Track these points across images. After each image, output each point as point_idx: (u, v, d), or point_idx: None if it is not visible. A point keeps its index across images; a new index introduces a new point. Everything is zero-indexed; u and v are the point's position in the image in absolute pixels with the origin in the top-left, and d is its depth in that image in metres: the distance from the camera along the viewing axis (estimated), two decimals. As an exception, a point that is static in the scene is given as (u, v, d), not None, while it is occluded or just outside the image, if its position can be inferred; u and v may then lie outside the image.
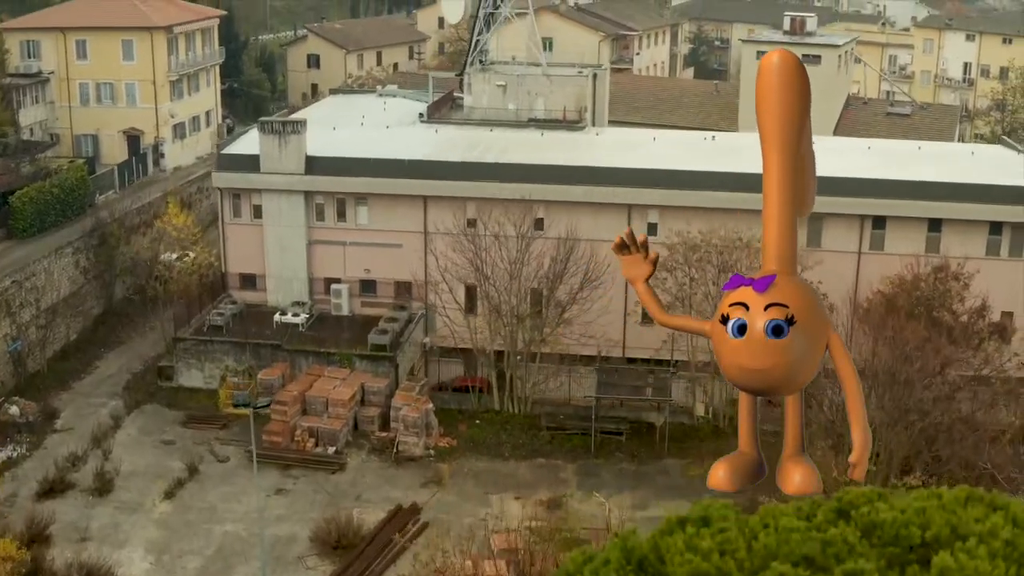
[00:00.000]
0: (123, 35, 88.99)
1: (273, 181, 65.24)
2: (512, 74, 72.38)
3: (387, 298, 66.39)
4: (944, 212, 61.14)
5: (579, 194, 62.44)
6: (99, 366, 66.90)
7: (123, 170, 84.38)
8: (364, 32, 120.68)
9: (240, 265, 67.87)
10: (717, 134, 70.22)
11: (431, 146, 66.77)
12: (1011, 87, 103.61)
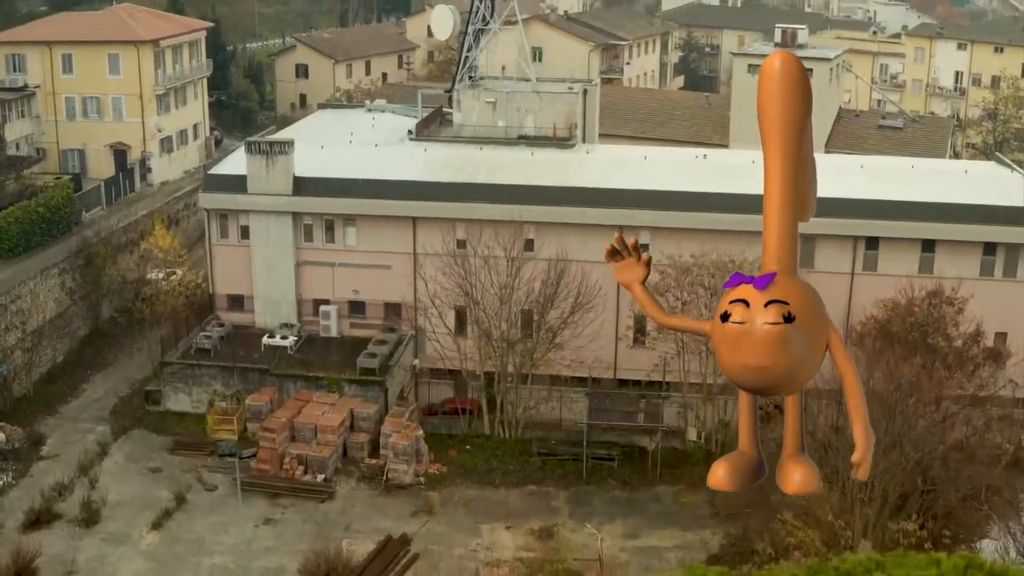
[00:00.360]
0: (109, 49, 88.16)
1: (260, 202, 64.65)
2: (502, 91, 71.75)
3: (376, 319, 65.86)
4: (938, 233, 60.76)
5: (569, 215, 61.92)
6: (86, 389, 66.22)
7: (110, 186, 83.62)
8: (353, 41, 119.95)
9: (228, 286, 67.24)
10: (709, 152, 69.61)
11: (420, 166, 66.18)
12: (1003, 97, 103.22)
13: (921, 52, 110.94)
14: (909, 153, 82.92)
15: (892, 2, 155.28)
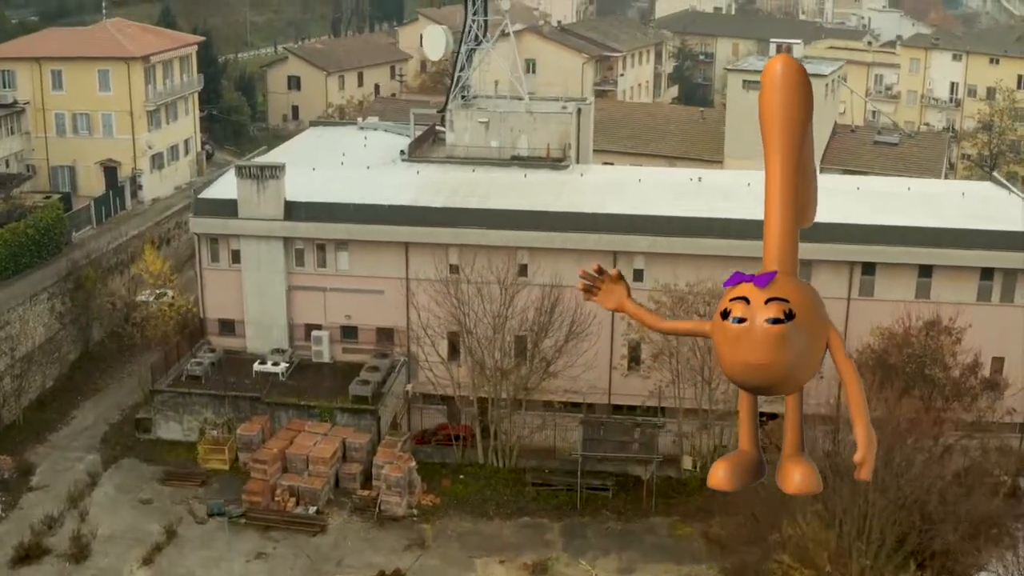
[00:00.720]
0: (99, 65, 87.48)
1: (251, 227, 64.04)
2: (495, 110, 71.11)
3: (368, 344, 65.29)
4: (935, 259, 60.28)
5: (563, 241, 61.36)
6: (76, 416, 65.58)
7: (100, 205, 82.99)
8: (345, 52, 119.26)
9: (218, 311, 66.65)
10: (703, 173, 68.95)
11: (413, 189, 65.56)
12: (998, 109, 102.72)
13: (916, 63, 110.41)
14: (905, 169, 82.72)
15: (886, 9, 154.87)
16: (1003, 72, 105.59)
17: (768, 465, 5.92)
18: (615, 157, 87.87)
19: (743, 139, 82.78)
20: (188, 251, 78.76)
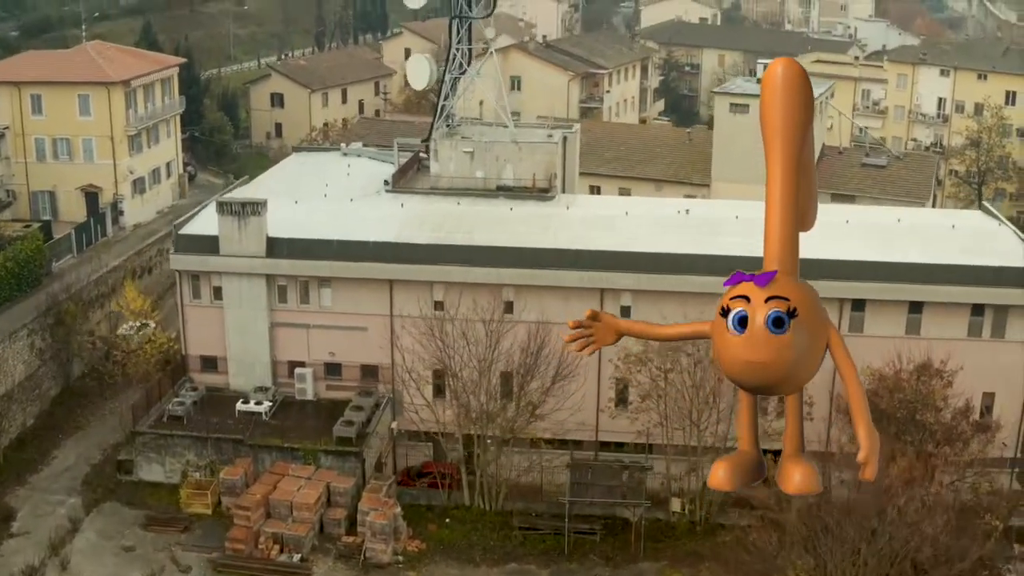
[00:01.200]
0: (79, 90, 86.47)
1: (233, 264, 63.17)
2: (480, 140, 70.25)
3: (353, 381, 64.51)
4: (925, 295, 59.77)
5: (549, 278, 60.72)
6: (57, 456, 64.57)
7: (80, 232, 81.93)
8: (328, 68, 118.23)
9: (200, 347, 65.77)
10: (691, 205, 68.16)
11: (397, 223, 64.62)
12: (986, 127, 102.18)
13: (903, 78, 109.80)
14: (893, 192, 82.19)
15: (872, 19, 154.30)
16: (991, 88, 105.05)
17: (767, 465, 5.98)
18: (602, 180, 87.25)
19: (731, 162, 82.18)
20: (170, 280, 77.58)
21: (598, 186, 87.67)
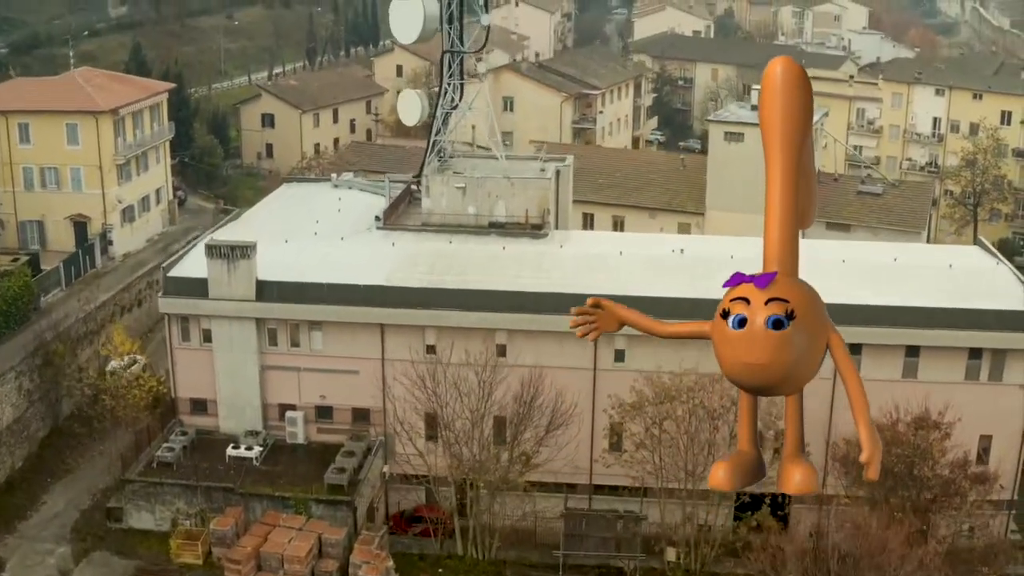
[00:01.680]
0: (67, 119, 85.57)
1: (222, 308, 62.44)
2: (472, 176, 69.48)
3: (344, 424, 63.86)
4: (923, 340, 59.21)
5: (543, 323, 59.92)
6: (46, 501, 63.86)
7: (69, 265, 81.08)
8: (319, 88, 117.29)
9: (190, 390, 65.07)
10: (686, 243, 67.30)
11: (388, 264, 63.87)
12: (982, 148, 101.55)
13: (899, 97, 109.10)
14: (889, 222, 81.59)
15: (866, 31, 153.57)
16: (986, 107, 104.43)
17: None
18: (595, 208, 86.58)
19: (725, 191, 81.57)
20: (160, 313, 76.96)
21: (591, 214, 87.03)
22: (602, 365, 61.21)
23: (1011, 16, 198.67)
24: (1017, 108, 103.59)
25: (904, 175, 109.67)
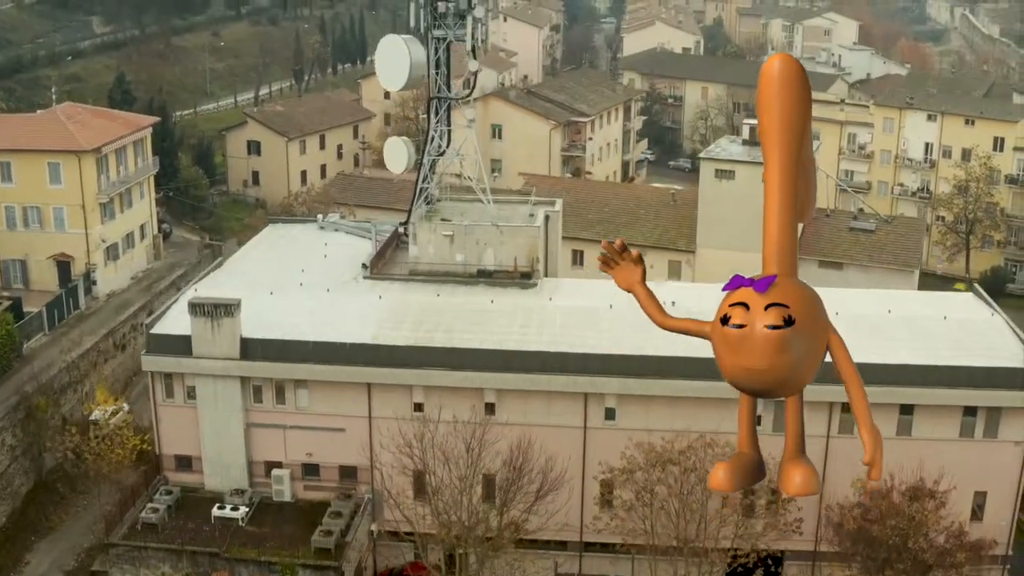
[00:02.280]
0: (49, 158, 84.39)
1: (206, 366, 61.46)
2: (460, 224, 68.49)
3: (331, 482, 63.00)
4: (917, 398, 58.44)
5: (532, 383, 59.34)
6: (30, 562, 62.92)
7: (52, 308, 80.00)
8: (306, 115, 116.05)
9: (174, 447, 64.15)
10: (677, 293, 65.85)
11: (375, 320, 62.88)
12: (975, 177, 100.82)
13: (890, 122, 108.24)
14: (882, 260, 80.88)
15: (856, 46, 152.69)
16: (979, 133, 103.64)
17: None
18: (585, 245, 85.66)
19: (716, 229, 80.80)
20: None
21: (581, 251, 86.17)
22: (592, 424, 60.40)
23: (1001, 24, 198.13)
24: (1010, 134, 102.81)
25: (895, 201, 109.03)
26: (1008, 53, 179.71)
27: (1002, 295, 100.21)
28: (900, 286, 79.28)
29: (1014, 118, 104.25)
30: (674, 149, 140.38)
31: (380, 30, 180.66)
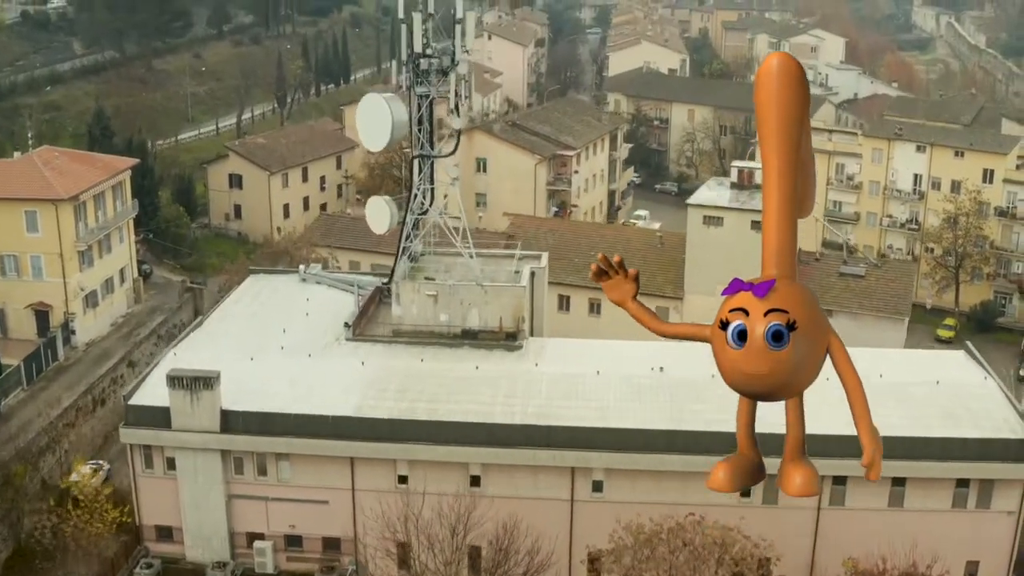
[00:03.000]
0: (26, 206, 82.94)
1: (186, 439, 60.37)
2: (444, 284, 67.30)
3: (314, 553, 62.13)
4: (910, 471, 57.51)
5: (517, 457, 58.35)
6: (7, 642, 61.71)
7: (30, 363, 78.60)
8: (288, 147, 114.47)
9: (155, 517, 63.13)
10: (666, 359, 64.76)
11: (358, 389, 61.72)
12: (965, 211, 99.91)
13: (879, 153, 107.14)
14: (872, 307, 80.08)
15: (843, 65, 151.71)
16: (968, 165, 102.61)
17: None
18: (571, 291, 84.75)
19: (704, 275, 79.71)
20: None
21: (568, 296, 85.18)
22: (579, 496, 59.45)
23: (987, 33, 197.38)
24: (999, 166, 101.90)
25: (884, 232, 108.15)
26: (995, 65, 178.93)
27: (992, 329, 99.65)
28: (889, 332, 78.49)
29: (1004, 150, 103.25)
30: (660, 172, 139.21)
31: (364, 46, 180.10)
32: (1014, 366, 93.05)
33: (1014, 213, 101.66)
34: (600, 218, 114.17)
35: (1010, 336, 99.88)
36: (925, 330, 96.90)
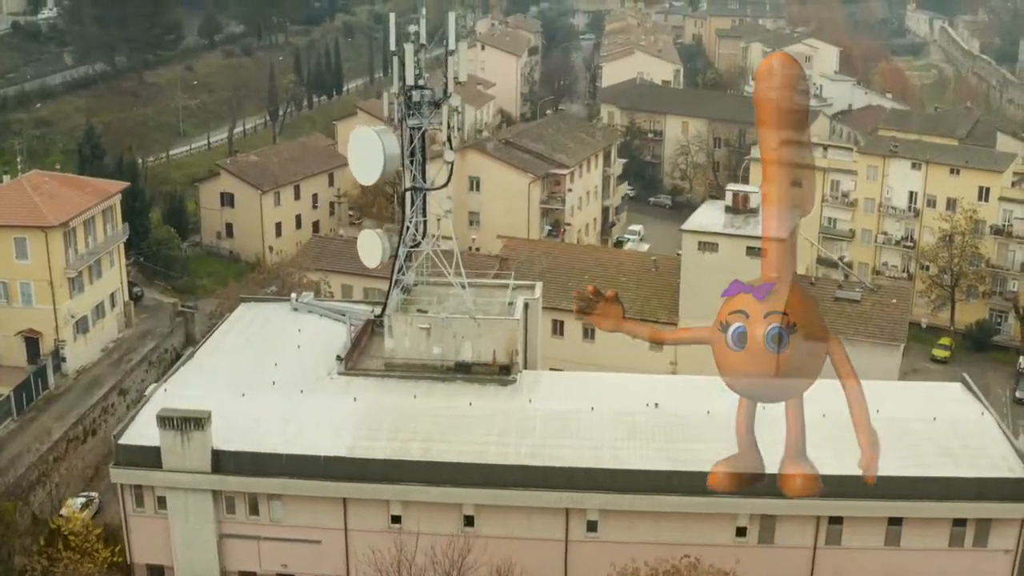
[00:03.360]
0: (15, 233, 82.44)
1: (177, 480, 59.75)
2: (437, 316, 66.75)
3: (308, 592, 61.41)
4: (905, 512, 57.22)
5: (512, 499, 57.90)
6: None
7: (20, 392, 78.14)
8: (280, 164, 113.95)
9: (146, 556, 62.49)
10: (660, 393, 64.36)
11: (350, 425, 61.17)
12: (960, 230, 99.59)
13: (874, 170, 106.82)
14: (868, 333, 79.83)
15: (838, 76, 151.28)
16: (964, 183, 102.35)
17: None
18: (565, 316, 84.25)
19: (698, 301, 78.86)
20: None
21: (561, 321, 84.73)
22: (574, 537, 58.97)
23: (980, 39, 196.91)
24: (995, 184, 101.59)
25: (879, 249, 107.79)
26: (989, 71, 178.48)
27: (988, 347, 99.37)
28: (885, 359, 78.16)
29: (999, 167, 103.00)
30: (654, 184, 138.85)
31: (357, 55, 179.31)
32: (1010, 386, 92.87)
33: (1010, 231, 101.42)
34: (594, 235, 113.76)
35: (1006, 355, 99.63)
36: (921, 349, 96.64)
